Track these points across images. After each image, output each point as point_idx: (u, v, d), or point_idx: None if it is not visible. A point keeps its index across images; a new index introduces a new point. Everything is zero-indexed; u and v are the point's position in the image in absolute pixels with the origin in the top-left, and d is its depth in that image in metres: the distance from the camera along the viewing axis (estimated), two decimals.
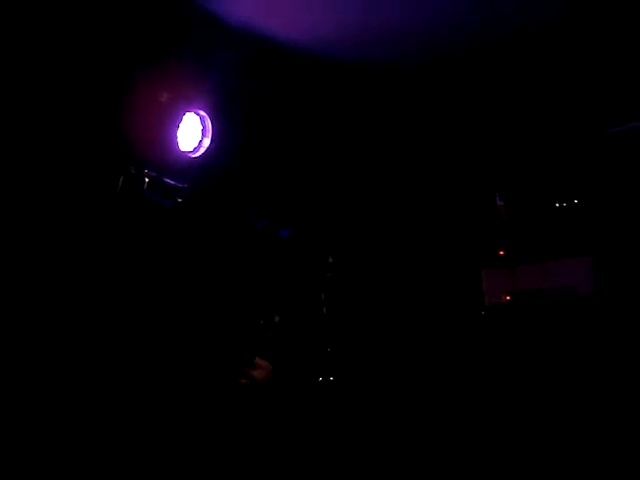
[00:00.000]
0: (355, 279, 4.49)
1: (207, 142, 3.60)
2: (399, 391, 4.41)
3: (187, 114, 3.51)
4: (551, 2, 4.01)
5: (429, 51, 4.36)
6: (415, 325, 4.55)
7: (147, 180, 3.26)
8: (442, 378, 4.42)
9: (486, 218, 4.40)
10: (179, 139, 3.47)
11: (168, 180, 3.40)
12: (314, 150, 4.40)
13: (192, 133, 3.59)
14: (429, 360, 4.48)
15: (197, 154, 3.60)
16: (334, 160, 4.52)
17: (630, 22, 3.94)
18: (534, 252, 4.19)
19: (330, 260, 4.36)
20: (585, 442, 3.96)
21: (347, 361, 4.21)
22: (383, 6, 3.85)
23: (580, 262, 4.05)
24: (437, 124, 4.67)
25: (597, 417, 3.93)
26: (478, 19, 4.14)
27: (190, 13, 3.59)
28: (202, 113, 3.59)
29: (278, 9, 3.77)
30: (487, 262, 4.31)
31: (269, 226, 3.78)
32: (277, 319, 3.40)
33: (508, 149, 4.49)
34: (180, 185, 3.43)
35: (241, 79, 3.83)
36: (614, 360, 3.95)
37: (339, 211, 4.51)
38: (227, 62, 3.77)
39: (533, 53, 4.32)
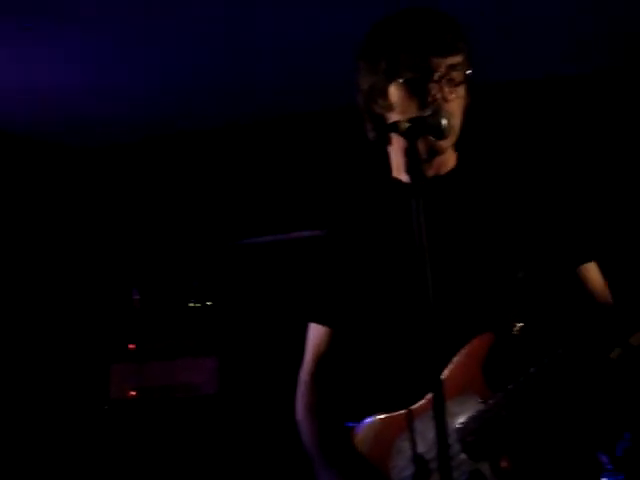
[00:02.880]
0: None
1: None
2: None
3: None
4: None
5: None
6: (44, 421, 4.39)
7: None
8: (66, 469, 4.29)
9: (120, 312, 4.43)
10: None
11: None
12: None
13: None
14: (56, 453, 4.33)
15: None
16: None
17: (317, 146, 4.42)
18: (164, 349, 4.28)
19: None
20: None
21: None
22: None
23: (206, 361, 4.21)
24: (101, 208, 4.76)
25: None
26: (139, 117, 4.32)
27: None
28: None
29: None
30: (117, 356, 4.30)
31: None
32: None
33: (151, 246, 4.62)
34: None
35: None
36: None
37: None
38: None
39: (183, 160, 4.61)
